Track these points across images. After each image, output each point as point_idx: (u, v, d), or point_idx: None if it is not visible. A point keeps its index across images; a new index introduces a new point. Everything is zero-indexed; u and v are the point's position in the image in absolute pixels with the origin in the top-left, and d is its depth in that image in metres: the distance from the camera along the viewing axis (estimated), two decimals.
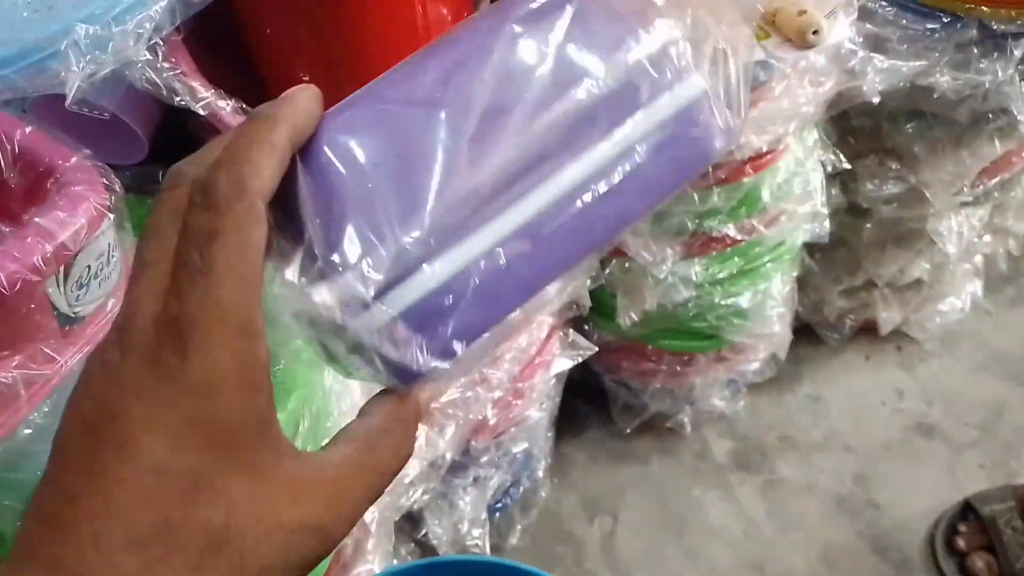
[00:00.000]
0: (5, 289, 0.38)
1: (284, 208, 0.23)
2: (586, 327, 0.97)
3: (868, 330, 1.18)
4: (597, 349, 0.86)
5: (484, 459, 0.83)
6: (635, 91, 0.26)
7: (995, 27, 0.75)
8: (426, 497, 0.78)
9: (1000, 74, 0.77)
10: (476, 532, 0.85)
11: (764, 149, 0.78)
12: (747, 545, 1.01)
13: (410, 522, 0.84)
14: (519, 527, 0.99)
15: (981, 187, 0.97)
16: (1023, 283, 1.27)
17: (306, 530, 0.22)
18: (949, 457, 1.09)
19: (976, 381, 1.17)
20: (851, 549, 1.01)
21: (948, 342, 1.21)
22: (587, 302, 0.84)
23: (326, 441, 0.24)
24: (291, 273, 0.23)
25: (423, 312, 0.23)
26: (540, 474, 0.98)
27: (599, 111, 0.25)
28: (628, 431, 1.09)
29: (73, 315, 0.43)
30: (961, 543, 0.98)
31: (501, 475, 0.87)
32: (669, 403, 1.06)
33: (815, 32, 0.64)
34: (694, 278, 0.87)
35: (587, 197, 0.25)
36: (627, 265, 0.87)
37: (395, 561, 0.79)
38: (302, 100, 0.24)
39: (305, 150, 0.24)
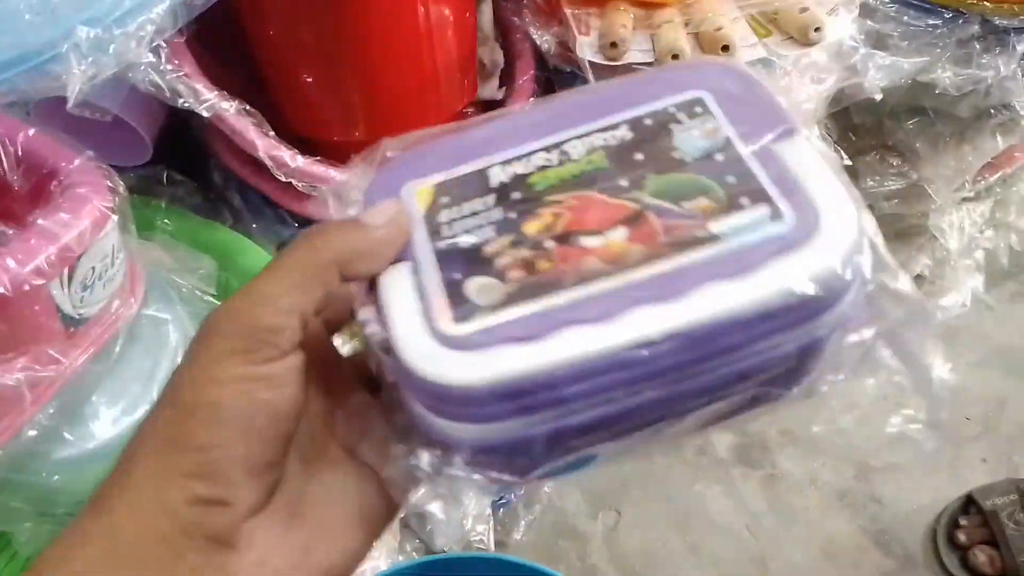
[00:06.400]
0: (9, 291, 0.38)
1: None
2: None
3: None
4: None
5: None
6: None
7: (997, 22, 0.75)
8: None
9: (1003, 69, 0.77)
10: (480, 528, 0.85)
11: None
12: (749, 540, 1.02)
13: (415, 519, 0.84)
14: (523, 522, 0.99)
15: (983, 182, 0.97)
16: None
17: None
18: (951, 451, 1.09)
19: (978, 376, 1.17)
20: (853, 543, 1.01)
21: (949, 337, 1.20)
22: None
23: None
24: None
25: None
26: None
27: None
28: None
29: (78, 316, 0.43)
30: (963, 537, 0.98)
31: None
32: None
33: (817, 29, 0.64)
34: None
35: None
36: None
37: (400, 558, 0.79)
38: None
39: None
